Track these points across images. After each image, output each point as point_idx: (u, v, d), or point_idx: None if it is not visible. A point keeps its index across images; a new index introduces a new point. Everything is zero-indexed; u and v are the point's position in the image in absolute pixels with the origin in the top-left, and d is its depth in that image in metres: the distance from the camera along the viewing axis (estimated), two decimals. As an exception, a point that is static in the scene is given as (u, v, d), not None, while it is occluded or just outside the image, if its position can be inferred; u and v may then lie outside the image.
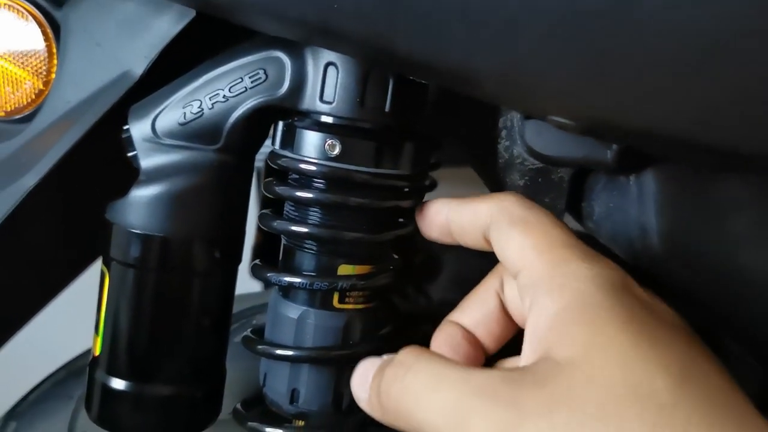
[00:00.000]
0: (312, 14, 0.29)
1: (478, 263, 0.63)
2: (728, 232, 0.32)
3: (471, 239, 0.37)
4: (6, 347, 0.53)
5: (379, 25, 0.27)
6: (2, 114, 0.44)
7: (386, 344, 0.42)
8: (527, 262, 0.33)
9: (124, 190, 0.40)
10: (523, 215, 0.34)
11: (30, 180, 0.40)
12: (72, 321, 0.97)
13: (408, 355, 0.34)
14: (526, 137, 0.36)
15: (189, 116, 0.37)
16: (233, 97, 0.37)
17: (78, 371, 0.56)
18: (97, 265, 0.44)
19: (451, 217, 0.37)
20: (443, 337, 0.38)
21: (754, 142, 0.23)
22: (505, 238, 0.34)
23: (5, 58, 0.44)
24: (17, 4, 0.43)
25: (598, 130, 0.28)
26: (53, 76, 0.44)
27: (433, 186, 0.48)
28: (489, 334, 0.38)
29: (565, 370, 0.29)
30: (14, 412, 0.57)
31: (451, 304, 0.65)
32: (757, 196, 0.31)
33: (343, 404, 0.39)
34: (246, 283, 0.49)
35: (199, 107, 0.37)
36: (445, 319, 0.39)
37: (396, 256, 0.42)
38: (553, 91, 0.24)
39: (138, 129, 0.38)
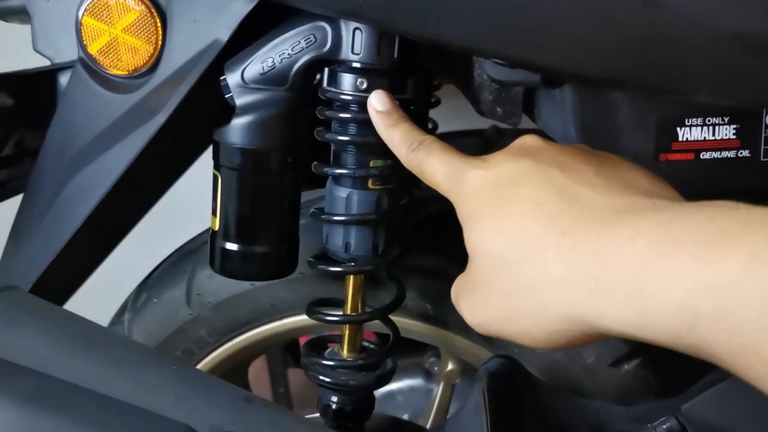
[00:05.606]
0: (347, 6, 0.47)
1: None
2: (614, 121, 0.51)
3: None
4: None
5: (385, 15, 0.45)
6: (126, 73, 0.62)
7: (404, 212, 0.61)
8: None
9: (220, 121, 0.59)
10: None
11: (161, 119, 0.56)
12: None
13: None
14: (486, 68, 0.54)
15: (266, 68, 0.54)
16: (295, 54, 0.54)
17: (187, 253, 0.74)
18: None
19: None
20: None
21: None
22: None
23: (126, 31, 0.62)
24: (129, -8, 0.61)
25: (518, 66, 0.47)
26: (160, 43, 0.61)
27: (437, 103, 0.65)
28: None
29: None
30: (143, 286, 0.75)
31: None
32: (628, 97, 0.50)
33: (379, 250, 0.58)
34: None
35: (272, 62, 0.54)
36: None
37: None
38: (486, 50, 0.42)
39: (232, 78, 0.55)
